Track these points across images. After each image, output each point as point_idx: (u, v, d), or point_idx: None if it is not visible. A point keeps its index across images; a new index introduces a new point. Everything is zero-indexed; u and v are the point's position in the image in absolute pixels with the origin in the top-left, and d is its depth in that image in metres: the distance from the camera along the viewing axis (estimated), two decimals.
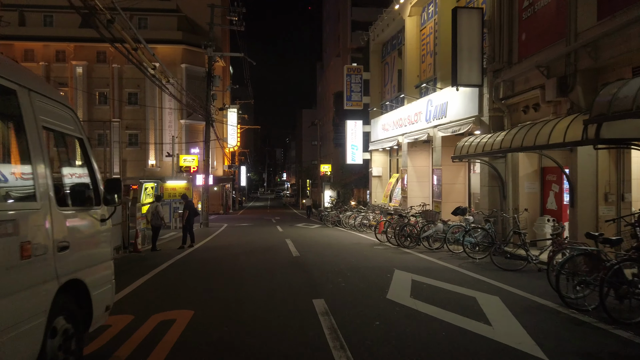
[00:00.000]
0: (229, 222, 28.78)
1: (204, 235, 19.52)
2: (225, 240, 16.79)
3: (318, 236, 17.85)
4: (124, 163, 37.62)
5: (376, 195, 23.74)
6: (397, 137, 19.70)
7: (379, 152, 23.61)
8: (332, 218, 23.31)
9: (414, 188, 18.80)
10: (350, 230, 20.35)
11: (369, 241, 15.54)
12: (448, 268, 9.76)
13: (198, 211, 15.50)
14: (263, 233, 19.87)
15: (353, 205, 31.99)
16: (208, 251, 13.73)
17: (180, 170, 26.29)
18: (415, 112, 17.85)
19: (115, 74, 37.22)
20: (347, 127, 23.67)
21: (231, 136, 42.82)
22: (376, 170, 23.50)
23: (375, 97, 23.56)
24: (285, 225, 25.31)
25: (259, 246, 14.51)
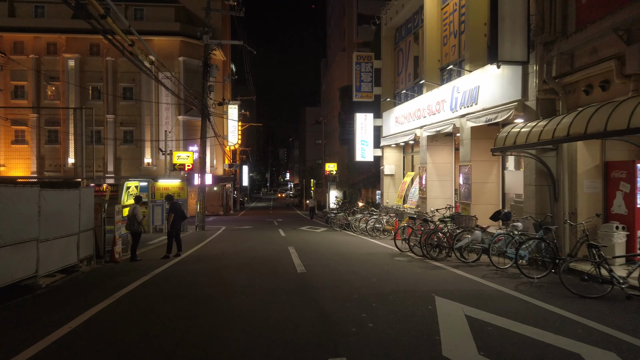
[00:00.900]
0: (227, 225, 26.35)
1: (197, 240, 17.09)
2: (219, 248, 14.34)
3: (325, 242, 15.38)
4: (119, 161, 35.28)
5: (388, 196, 21.26)
6: (415, 131, 17.22)
7: (391, 148, 21.13)
8: (340, 221, 20.84)
9: (434, 188, 16.32)
10: (361, 235, 17.88)
11: (386, 250, 13.06)
12: (504, 293, 7.27)
13: (186, 214, 13.06)
14: (263, 238, 17.42)
15: (361, 206, 29.53)
16: (195, 263, 11.28)
17: (174, 169, 23.88)
18: (437, 101, 15.38)
19: (110, 68, 34.89)
20: (357, 121, 21.21)
21: (232, 133, 40.40)
22: (388, 169, 21.04)
23: (387, 87, 21.09)
24: (288, 228, 22.85)
25: (256, 256, 12.05)
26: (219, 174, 39.68)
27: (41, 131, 34.50)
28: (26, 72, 33.82)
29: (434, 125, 15.42)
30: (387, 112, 20.88)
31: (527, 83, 10.78)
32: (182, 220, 13.21)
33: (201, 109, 23.05)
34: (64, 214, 10.23)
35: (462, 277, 8.64)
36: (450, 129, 14.26)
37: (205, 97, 23.18)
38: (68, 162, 34.55)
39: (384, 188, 21.37)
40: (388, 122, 20.66)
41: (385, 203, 21.21)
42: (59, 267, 9.96)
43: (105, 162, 35.01)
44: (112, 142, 34.76)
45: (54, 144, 34.93)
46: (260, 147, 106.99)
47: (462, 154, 13.85)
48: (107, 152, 34.99)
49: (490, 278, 8.44)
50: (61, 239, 10.00)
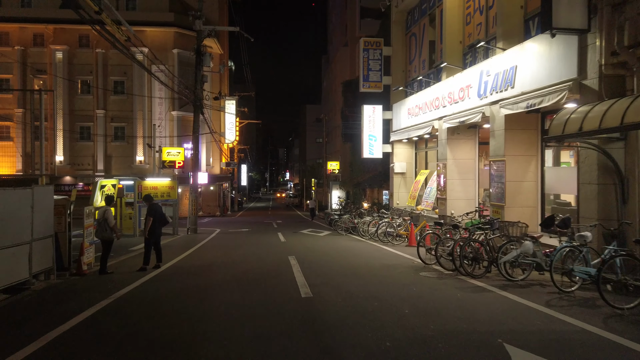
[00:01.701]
0: (223, 227, 24.14)
1: (185, 246, 14.88)
2: (207, 257, 12.13)
3: (332, 250, 13.16)
4: (109, 159, 33.04)
5: (399, 197, 19.06)
6: (432, 122, 15.02)
7: (402, 143, 18.93)
8: (345, 224, 18.64)
9: (455, 187, 14.13)
10: (370, 240, 15.69)
11: (406, 261, 10.85)
12: (597, 336, 5.05)
13: (168, 218, 10.87)
14: (260, 244, 15.22)
15: (366, 207, 27.34)
16: (172, 279, 9.06)
17: (164, 166, 21.65)
18: (460, 87, 13.18)
19: (100, 60, 32.64)
20: (364, 114, 19.02)
21: (229, 130, 38.18)
22: (399, 166, 18.84)
23: (398, 76, 18.89)
24: (288, 231, 20.64)
25: (250, 269, 9.83)
26: (215, 173, 37.46)
27: (27, 127, 32.21)
28: (12, 65, 31.58)
29: (457, 115, 13.21)
30: (397, 104, 18.68)
31: (586, 57, 8.58)
32: (162, 225, 11.00)
33: (193, 100, 20.83)
34: (9, 218, 8.05)
35: (520, 305, 6.43)
36: (477, 118, 12.05)
37: (199, 88, 20.97)
38: (56, 159, 32.28)
39: (394, 188, 19.17)
40: (399, 115, 18.46)
41: (395, 204, 19.01)
42: (1, 285, 7.81)
43: (95, 159, 32.77)
44: (103, 138, 32.53)
45: None
46: (259, 146, 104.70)
47: (493, 147, 11.65)
48: (97, 149, 32.75)
49: (560, 307, 6.25)
50: (4, 250, 7.83)
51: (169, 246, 15.34)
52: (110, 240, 10.20)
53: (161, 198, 19.94)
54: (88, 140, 32.83)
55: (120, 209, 20.21)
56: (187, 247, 14.76)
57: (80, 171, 32.66)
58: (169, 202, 20.67)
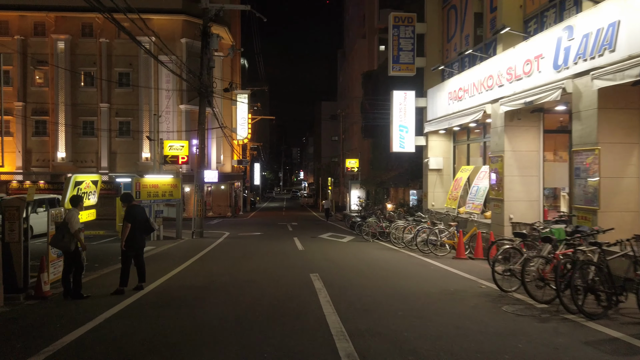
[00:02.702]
0: (233, 230, 21.52)
1: (184, 255, 12.24)
2: (208, 273, 9.44)
3: (365, 266, 10.35)
4: (114, 156, 30.68)
5: (434, 197, 16.21)
6: (483, 107, 12.16)
7: (438, 135, 16.08)
8: (372, 228, 15.85)
9: (515, 186, 11.25)
10: (405, 249, 12.90)
11: (468, 284, 8.04)
12: None
13: (153, 224, 8.15)
14: (274, 254, 12.51)
15: (390, 209, 24.51)
16: (154, 311, 6.38)
17: (165, 161, 19.10)
18: (525, 60, 10.31)
19: (104, 50, 30.28)
20: (394, 101, 16.19)
21: (241, 126, 35.61)
22: (434, 162, 15.99)
23: (433, 57, 16.05)
24: (305, 236, 17.92)
25: (259, 298, 7.08)
26: (226, 171, 34.92)
27: (28, 122, 30.03)
28: (11, 56, 29.36)
29: (522, 95, 10.33)
30: (433, 89, 15.83)
31: None
32: (146, 233, 8.34)
33: (199, 88, 18.23)
34: None
35: None
36: (554, 95, 9.16)
37: (205, 74, 18.35)
38: (57, 156, 30.05)
39: (428, 187, 16.32)
40: (435, 102, 15.62)
41: (430, 206, 16.17)
42: None
43: (99, 156, 30.44)
44: (107, 133, 30.18)
45: (41, 136, 30.42)
46: (273, 145, 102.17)
47: (578, 133, 8.77)
48: (100, 145, 30.42)
49: None
50: None
51: (166, 255, 12.75)
52: (74, 252, 7.56)
53: (162, 198, 17.43)
54: (91, 136, 30.52)
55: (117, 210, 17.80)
56: (187, 256, 12.12)
57: (83, 168, 30.29)
58: (171, 202, 18.13)
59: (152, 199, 17.17)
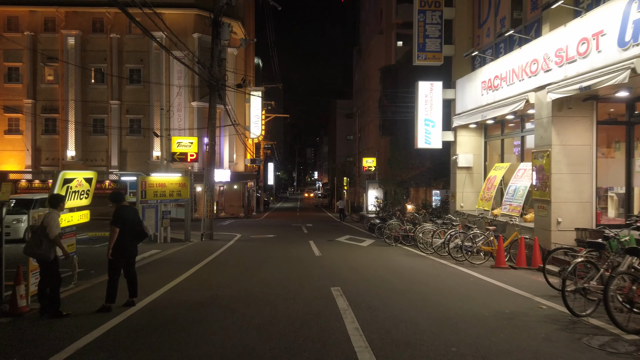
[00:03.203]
0: (245, 232, 20.28)
1: (191, 259, 11.00)
2: (213, 285, 8.14)
3: (394, 277, 8.92)
4: (124, 154, 29.72)
5: (463, 198, 14.73)
6: (525, 95, 10.66)
7: (468, 130, 14.60)
8: (395, 231, 14.42)
9: (564, 185, 9.75)
10: (434, 256, 11.49)
11: (524, 302, 6.60)
12: None
13: (147, 229, 6.86)
14: (288, 261, 11.18)
15: (410, 210, 23.03)
16: (145, 337, 5.07)
17: (173, 159, 17.93)
18: (581, 39, 8.82)
19: (114, 46, 29.36)
20: (419, 93, 14.74)
21: (254, 124, 34.41)
22: (464, 159, 14.51)
23: (462, 44, 14.57)
24: (321, 239, 16.58)
25: (270, 321, 5.70)
26: (239, 170, 33.76)
27: (37, 119, 29.24)
28: (21, 52, 28.65)
29: (575, 80, 8.82)
30: (463, 80, 14.35)
31: None
32: (138, 240, 7.08)
33: (209, 80, 17.01)
34: None
35: None
36: (621, 77, 7.64)
37: (215, 66, 17.13)
38: (67, 155, 29.18)
39: (457, 186, 14.84)
40: (465, 93, 14.14)
41: (458, 207, 14.69)
42: None
43: (109, 155, 29.52)
44: (117, 131, 29.23)
45: (51, 134, 29.60)
46: (287, 145, 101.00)
47: None
48: (111, 143, 29.50)
49: None
50: None
51: (171, 260, 11.54)
52: (47, 260, 6.32)
53: (170, 198, 16.25)
54: (102, 134, 29.61)
55: None
56: (193, 261, 10.87)
57: (93, 167, 29.36)
58: (180, 202, 16.96)
59: (159, 199, 16.00)
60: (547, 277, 7.17)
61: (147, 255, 12.44)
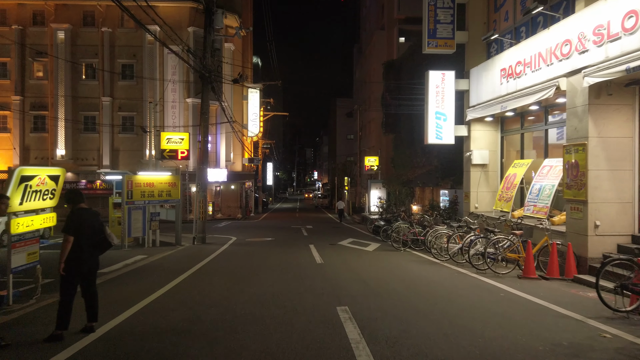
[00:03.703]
0: (241, 234, 18.95)
1: (176, 268, 9.66)
2: (196, 301, 6.79)
3: (413, 293, 7.52)
4: (116, 153, 28.36)
5: (478, 198, 13.39)
6: (555, 81, 9.32)
7: (483, 124, 13.27)
8: (404, 235, 13.08)
9: (602, 184, 8.42)
10: (450, 263, 10.16)
11: (579, 328, 5.27)
12: None
13: (111, 238, 5.45)
14: (286, 270, 9.84)
15: (416, 210, 21.70)
16: None
17: (162, 156, 16.61)
18: (627, 12, 7.50)
19: (106, 41, 28.01)
20: (429, 84, 13.40)
21: (252, 122, 33.08)
22: (479, 156, 13.19)
23: (476, 29, 13.26)
24: (323, 243, 15.26)
25: (262, 352, 4.43)
26: (236, 170, 32.43)
27: (26, 117, 27.88)
28: (9, 47, 27.29)
29: (620, 61, 7.48)
30: (478, 69, 13.02)
31: None
32: (100, 251, 5.72)
33: (200, 71, 15.67)
34: None
35: None
36: None
37: (209, 57, 15.80)
38: (57, 154, 27.82)
39: (471, 185, 13.50)
40: (480, 83, 12.80)
41: (472, 208, 13.35)
42: None
43: (101, 154, 28.17)
44: (109, 129, 27.88)
45: (40, 132, 28.25)
46: (286, 144, 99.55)
47: None
48: (102, 141, 28.15)
49: None
50: None
51: (155, 267, 10.22)
52: None
53: (159, 198, 14.94)
54: (93, 132, 28.26)
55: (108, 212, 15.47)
56: (179, 269, 9.55)
57: (84, 167, 28.10)
58: (169, 203, 15.66)
59: (147, 200, 14.67)
60: (600, 294, 5.84)
61: (130, 261, 11.13)
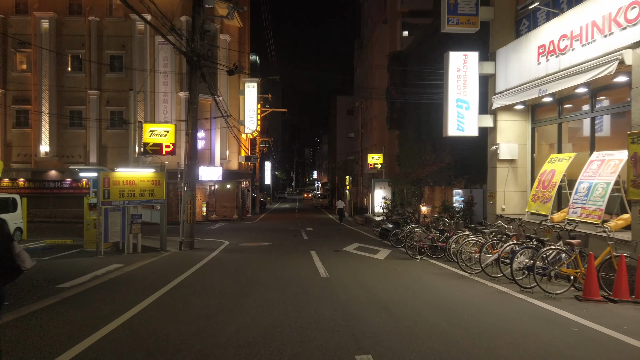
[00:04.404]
0: (235, 238, 17.09)
1: (152, 284, 7.77)
2: (161, 339, 4.88)
3: (455, 327, 5.50)
4: (104, 150, 26.43)
5: (505, 198, 11.51)
6: (616, 55, 7.45)
7: (511, 113, 11.41)
8: (420, 241, 11.20)
9: None
10: (482, 278, 8.29)
11: None
12: None
13: (22, 260, 3.52)
14: (283, 285, 7.95)
15: (425, 212, 19.86)
16: None
17: (145, 151, 14.70)
18: None
19: (93, 30, 26.09)
20: (449, 67, 11.49)
21: (249, 118, 31.18)
22: (506, 150, 11.33)
23: (504, 2, 11.40)
24: (326, 249, 13.38)
25: None
26: (232, 168, 30.52)
27: (7, 111, 25.93)
28: None
29: None
30: (507, 49, 11.14)
31: None
32: (4, 280, 3.77)
33: (188, 54, 13.78)
34: None
35: None
36: None
37: (198, 39, 13.92)
38: (40, 150, 25.87)
39: (497, 183, 11.63)
40: (510, 65, 10.93)
41: (499, 210, 11.49)
42: None
43: (87, 150, 26.24)
44: (96, 124, 25.95)
45: (23, 127, 26.30)
46: (285, 143, 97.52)
47: None
48: (89, 137, 26.22)
49: None
50: None
51: (127, 281, 8.40)
52: None
53: (140, 198, 13.13)
54: (79, 127, 26.33)
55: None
56: (153, 286, 7.68)
57: (69, 164, 26.04)
58: (153, 204, 13.80)
59: (127, 200, 12.82)
60: None
61: (101, 272, 9.27)
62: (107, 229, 12.58)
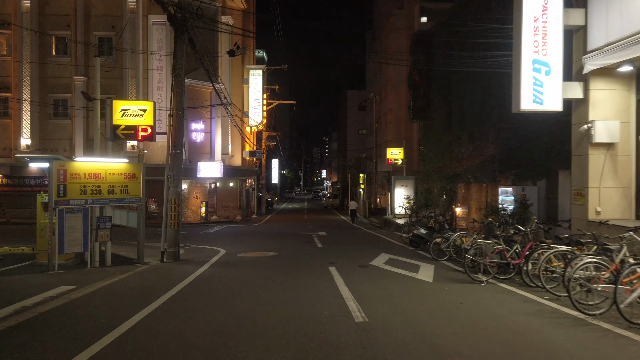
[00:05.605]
0: (234, 244, 13.93)
1: (97, 323, 4.54)
2: None
3: None
4: (92, 143, 23.27)
5: (601, 197, 8.23)
6: None
7: (609, 79, 8.16)
8: (487, 258, 7.95)
9: None
10: (614, 325, 5.03)
11: None
12: None
13: None
14: (296, 342, 4.73)
15: (460, 214, 16.56)
16: None
17: (115, 135, 11.57)
18: None
19: (80, 10, 23.12)
20: (523, 15, 8.26)
21: (254, 109, 28.03)
22: (603, 129, 8.09)
23: None
24: (347, 261, 10.17)
25: None
26: (235, 164, 27.38)
27: None
28: None
29: None
30: None
31: None
32: None
33: (168, 9, 10.65)
34: None
35: None
36: None
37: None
38: (21, 143, 22.91)
39: (589, 177, 8.32)
40: (611, 9, 7.66)
41: (593, 214, 8.19)
42: None
43: (73, 143, 23.25)
44: (83, 113, 22.97)
45: (2, 117, 23.37)
46: (293, 140, 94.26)
47: None
48: (75, 129, 23.24)
49: None
50: None
51: (61, 316, 5.22)
52: None
53: (109, 196, 10.12)
54: (64, 118, 23.38)
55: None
56: (102, 326, 4.56)
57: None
58: (125, 203, 10.68)
59: (90, 198, 9.76)
60: None
61: (34, 302, 6.35)
62: (63, 236, 9.46)
